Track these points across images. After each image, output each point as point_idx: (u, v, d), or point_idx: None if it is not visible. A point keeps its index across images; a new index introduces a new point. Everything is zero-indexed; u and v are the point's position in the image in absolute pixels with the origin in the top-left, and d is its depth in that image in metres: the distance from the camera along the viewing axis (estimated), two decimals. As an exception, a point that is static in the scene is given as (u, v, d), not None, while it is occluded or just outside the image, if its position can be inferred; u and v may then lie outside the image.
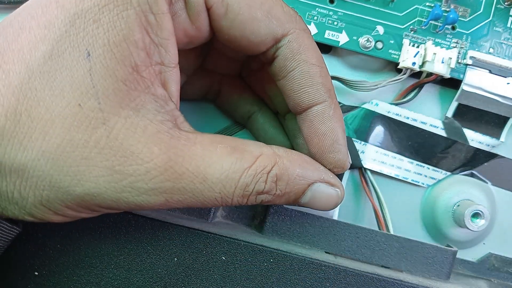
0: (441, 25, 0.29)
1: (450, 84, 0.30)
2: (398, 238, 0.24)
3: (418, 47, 0.28)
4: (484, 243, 0.31)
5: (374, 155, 0.30)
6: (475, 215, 0.27)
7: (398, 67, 0.29)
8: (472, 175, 0.30)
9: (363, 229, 0.24)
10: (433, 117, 0.30)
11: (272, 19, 0.20)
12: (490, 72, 0.28)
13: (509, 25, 0.29)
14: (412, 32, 0.29)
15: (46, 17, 0.17)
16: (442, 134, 0.30)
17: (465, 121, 0.30)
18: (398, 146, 0.30)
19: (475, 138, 0.30)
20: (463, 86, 0.28)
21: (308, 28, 0.21)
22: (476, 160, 0.30)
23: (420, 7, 0.29)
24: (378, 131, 0.30)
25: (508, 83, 0.28)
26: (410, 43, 0.28)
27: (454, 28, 0.29)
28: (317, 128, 0.21)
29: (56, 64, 0.16)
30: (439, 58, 0.28)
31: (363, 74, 0.30)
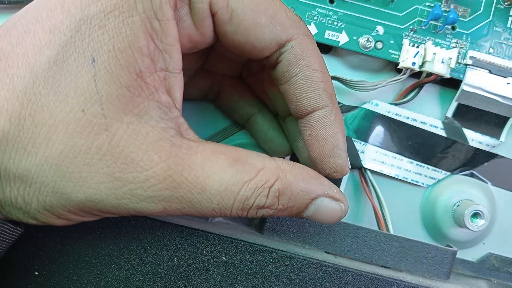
0: (441, 25, 0.29)
1: (450, 84, 0.30)
2: (398, 238, 0.24)
3: (418, 47, 0.28)
4: (484, 243, 0.31)
5: (374, 155, 0.30)
6: (475, 215, 0.27)
7: (398, 67, 0.29)
8: (472, 175, 0.30)
9: (363, 229, 0.24)
10: (433, 117, 0.30)
11: (276, 25, 0.20)
12: (490, 72, 0.28)
13: (509, 25, 0.29)
14: (412, 32, 0.29)
15: (51, 21, 0.17)
16: (442, 134, 0.30)
17: (465, 121, 0.30)
18: (398, 146, 0.30)
19: (475, 138, 0.30)
20: (463, 86, 0.28)
21: (311, 33, 0.21)
22: (476, 160, 0.30)
23: (420, 7, 0.29)
24: (378, 131, 0.30)
25: (508, 83, 0.28)
26: (410, 43, 0.28)
27: (454, 28, 0.29)
28: (318, 132, 0.21)
29: (60, 69, 0.16)
30: (439, 58, 0.28)
31: (363, 74, 0.30)
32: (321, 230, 0.24)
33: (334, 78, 0.29)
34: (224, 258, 0.21)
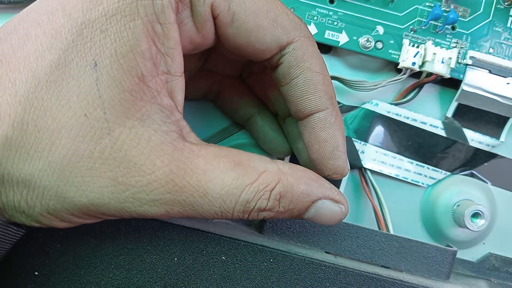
0: (441, 25, 0.29)
1: (450, 84, 0.30)
2: (398, 238, 0.24)
3: (418, 47, 0.28)
4: (484, 243, 0.31)
5: (374, 155, 0.30)
6: (475, 215, 0.27)
7: (398, 67, 0.29)
8: (472, 175, 0.30)
9: (363, 229, 0.24)
10: (433, 117, 0.30)
11: (277, 27, 0.20)
12: (490, 72, 0.28)
13: (509, 25, 0.29)
14: (412, 32, 0.29)
15: (53, 25, 0.17)
16: (442, 134, 0.30)
17: (465, 121, 0.30)
18: (398, 146, 0.30)
19: (475, 138, 0.30)
20: (463, 86, 0.28)
21: (312, 36, 0.21)
22: (476, 160, 0.30)
23: (420, 7, 0.29)
24: (378, 131, 0.30)
25: (508, 83, 0.28)
26: (410, 43, 0.28)
27: (454, 28, 0.29)
28: (318, 134, 0.21)
29: (63, 73, 0.16)
30: (439, 58, 0.28)
31: (363, 74, 0.30)
32: (321, 230, 0.24)
33: (334, 78, 0.29)
34: (224, 258, 0.21)
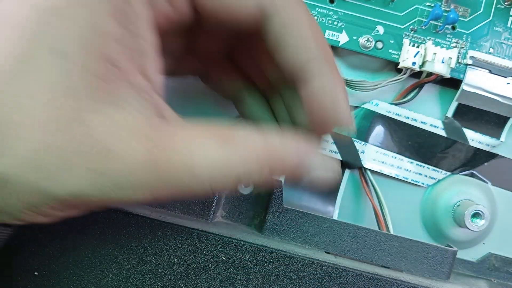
0: (441, 25, 0.29)
1: (450, 84, 0.30)
2: (398, 238, 0.24)
3: (418, 47, 0.28)
4: (484, 243, 0.31)
5: (374, 155, 0.30)
6: (475, 215, 0.27)
7: (398, 67, 0.29)
8: (472, 175, 0.30)
9: (363, 229, 0.24)
10: (433, 117, 0.30)
11: None
12: (490, 72, 0.28)
13: (509, 25, 0.29)
14: (412, 32, 0.29)
15: (15, 15, 0.16)
16: (442, 134, 0.30)
17: (465, 121, 0.30)
18: (398, 146, 0.30)
19: (475, 138, 0.30)
20: (463, 86, 0.28)
21: None
22: (476, 160, 0.30)
23: (420, 7, 0.29)
24: (378, 131, 0.30)
25: (508, 83, 0.28)
26: (410, 43, 0.28)
27: (454, 28, 0.29)
28: (315, 87, 0.20)
29: (28, 66, 0.16)
30: (439, 58, 0.28)
31: (363, 74, 0.30)
32: (321, 230, 0.24)
33: (334, 78, 0.29)
34: (224, 258, 0.21)
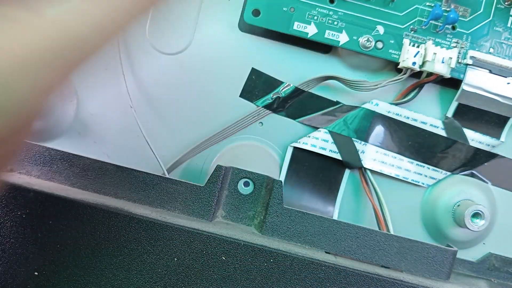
0: (441, 25, 0.29)
1: (450, 84, 0.30)
2: (398, 238, 0.24)
3: (418, 47, 0.28)
4: (484, 243, 0.31)
5: (374, 155, 0.30)
6: (475, 215, 0.27)
7: (398, 67, 0.29)
8: (472, 175, 0.30)
9: (363, 229, 0.24)
10: (433, 117, 0.30)
11: None
12: (490, 72, 0.28)
13: (509, 25, 0.29)
14: (412, 32, 0.29)
15: None
16: (442, 134, 0.30)
17: (465, 121, 0.30)
18: (398, 146, 0.30)
19: (475, 138, 0.30)
20: (463, 86, 0.28)
21: None
22: (476, 160, 0.30)
23: (420, 7, 0.29)
24: (378, 131, 0.30)
25: (508, 83, 0.28)
26: (410, 43, 0.28)
27: (454, 28, 0.29)
28: None
29: None
30: (439, 58, 0.28)
31: (363, 74, 0.30)
32: (321, 230, 0.24)
33: (334, 78, 0.29)
34: (224, 258, 0.21)
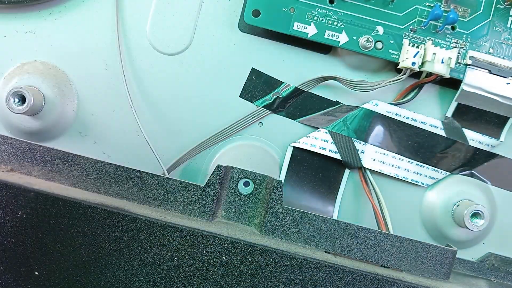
0: (441, 25, 0.29)
1: (450, 84, 0.30)
2: (398, 238, 0.24)
3: (418, 47, 0.28)
4: (484, 243, 0.31)
5: (374, 155, 0.30)
6: (475, 215, 0.27)
7: (398, 67, 0.29)
8: (472, 175, 0.30)
9: (363, 229, 0.24)
10: (433, 117, 0.30)
11: None
12: (490, 72, 0.28)
13: (509, 25, 0.29)
14: (412, 32, 0.29)
15: None
16: (442, 134, 0.30)
17: (465, 121, 0.30)
18: (397, 146, 0.30)
19: (475, 138, 0.30)
20: (463, 86, 0.28)
21: None
22: (476, 160, 0.30)
23: (420, 7, 0.29)
24: (378, 131, 0.30)
25: (508, 83, 0.28)
26: (410, 43, 0.28)
27: (454, 28, 0.29)
28: None
29: None
30: (439, 58, 0.28)
31: (363, 74, 0.30)
32: (321, 230, 0.24)
33: (334, 78, 0.29)
34: (224, 258, 0.21)
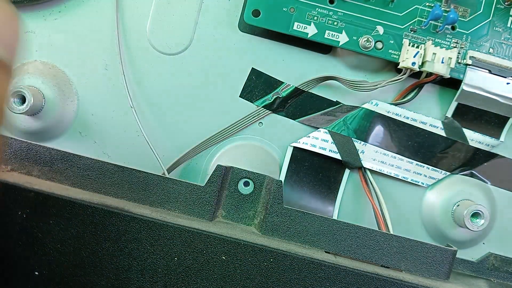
0: (441, 25, 0.29)
1: (450, 84, 0.30)
2: (398, 238, 0.24)
3: (418, 47, 0.28)
4: (484, 243, 0.31)
5: (374, 155, 0.30)
6: (475, 215, 0.27)
7: (398, 67, 0.29)
8: (472, 175, 0.30)
9: (363, 229, 0.24)
10: (433, 117, 0.30)
11: None
12: (490, 72, 0.28)
13: (509, 25, 0.29)
14: (412, 32, 0.29)
15: None
16: (442, 134, 0.30)
17: (465, 121, 0.30)
18: (397, 146, 0.30)
19: (475, 138, 0.30)
20: (463, 86, 0.28)
21: None
22: (476, 160, 0.30)
23: (420, 7, 0.29)
24: (378, 131, 0.30)
25: (508, 83, 0.28)
26: (410, 43, 0.28)
27: (454, 28, 0.29)
28: None
29: None
30: (439, 58, 0.28)
31: (363, 74, 0.30)
32: (321, 230, 0.24)
33: (334, 78, 0.29)
34: (224, 258, 0.21)
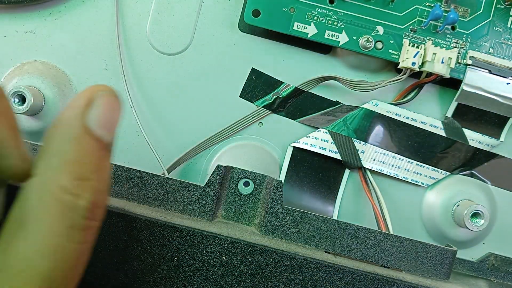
0: (441, 25, 0.29)
1: (450, 84, 0.30)
2: (398, 237, 0.24)
3: (418, 47, 0.28)
4: (484, 243, 0.31)
5: (374, 155, 0.30)
6: (475, 215, 0.27)
7: (398, 67, 0.29)
8: (472, 175, 0.30)
9: (363, 228, 0.24)
10: (433, 117, 0.30)
11: None
12: (490, 72, 0.28)
13: (509, 25, 0.29)
14: (412, 32, 0.29)
15: None
16: (442, 134, 0.30)
17: (465, 121, 0.30)
18: (397, 146, 0.30)
19: (475, 138, 0.30)
20: (463, 86, 0.28)
21: None
22: (476, 160, 0.30)
23: (420, 7, 0.29)
24: (378, 131, 0.30)
25: (508, 83, 0.28)
26: (410, 43, 0.28)
27: (454, 28, 0.29)
28: None
29: None
30: (439, 58, 0.28)
31: (363, 74, 0.30)
32: (321, 230, 0.24)
33: (334, 78, 0.29)
34: (224, 258, 0.21)
